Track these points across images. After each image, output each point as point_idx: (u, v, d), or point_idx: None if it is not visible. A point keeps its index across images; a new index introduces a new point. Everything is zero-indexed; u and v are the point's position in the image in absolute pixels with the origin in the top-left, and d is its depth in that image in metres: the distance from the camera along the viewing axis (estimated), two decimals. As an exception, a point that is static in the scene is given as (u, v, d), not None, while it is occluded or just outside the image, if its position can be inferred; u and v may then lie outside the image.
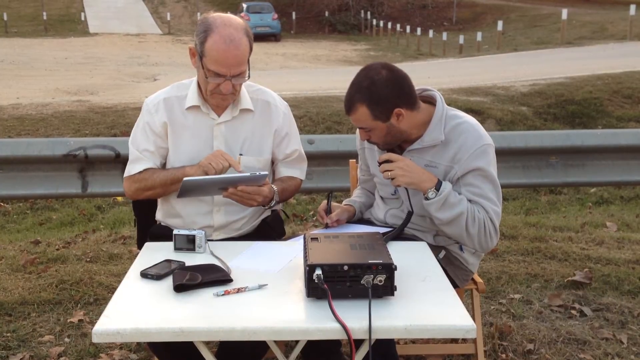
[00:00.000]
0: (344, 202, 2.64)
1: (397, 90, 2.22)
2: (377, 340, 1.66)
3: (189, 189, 2.26)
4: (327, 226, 2.46)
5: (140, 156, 2.45)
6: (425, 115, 2.31)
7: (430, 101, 2.36)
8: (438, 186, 2.21)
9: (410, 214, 2.36)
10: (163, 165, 2.51)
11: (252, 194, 2.30)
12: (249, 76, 2.36)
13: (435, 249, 2.34)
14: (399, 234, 2.35)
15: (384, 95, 2.20)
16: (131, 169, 2.47)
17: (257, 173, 2.28)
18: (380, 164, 2.30)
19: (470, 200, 2.24)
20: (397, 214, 2.46)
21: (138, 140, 2.47)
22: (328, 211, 2.48)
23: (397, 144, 2.35)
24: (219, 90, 2.31)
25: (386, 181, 2.43)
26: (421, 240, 2.38)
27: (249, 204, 2.35)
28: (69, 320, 3.26)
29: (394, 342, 2.27)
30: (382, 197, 2.56)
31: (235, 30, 2.25)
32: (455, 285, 2.37)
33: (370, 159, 2.56)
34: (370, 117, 2.22)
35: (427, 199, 2.23)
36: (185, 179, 2.20)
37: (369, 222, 2.57)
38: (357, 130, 2.58)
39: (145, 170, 2.44)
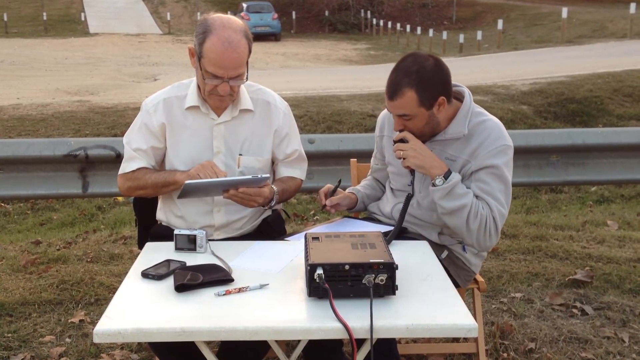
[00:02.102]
0: (347, 190, 2.64)
1: (443, 78, 2.23)
2: (379, 340, 1.66)
3: (190, 191, 2.26)
4: (324, 207, 2.47)
5: (134, 155, 2.46)
6: (453, 110, 2.32)
7: (457, 97, 2.36)
8: (447, 175, 2.22)
9: (409, 196, 2.36)
10: (161, 164, 2.52)
11: (253, 195, 2.30)
12: (247, 78, 2.36)
13: (438, 248, 2.34)
14: (402, 221, 2.35)
15: (432, 81, 2.20)
16: (125, 166, 2.48)
17: (259, 176, 2.28)
18: (395, 142, 2.29)
19: (477, 196, 2.24)
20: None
21: (133, 139, 2.48)
22: (331, 196, 2.49)
23: (430, 137, 2.34)
24: (217, 92, 2.32)
25: (401, 172, 2.43)
26: (425, 238, 2.38)
27: (250, 205, 2.35)
28: (70, 321, 3.26)
29: (396, 341, 2.27)
30: (392, 190, 2.55)
31: (234, 32, 2.25)
32: (457, 286, 2.37)
33: (387, 147, 2.54)
34: (416, 103, 2.20)
35: (433, 185, 2.24)
36: (186, 182, 2.21)
37: (373, 219, 2.56)
38: (381, 118, 2.57)
39: (138, 169, 2.45)
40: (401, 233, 2.35)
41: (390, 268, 1.73)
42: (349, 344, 1.68)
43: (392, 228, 2.35)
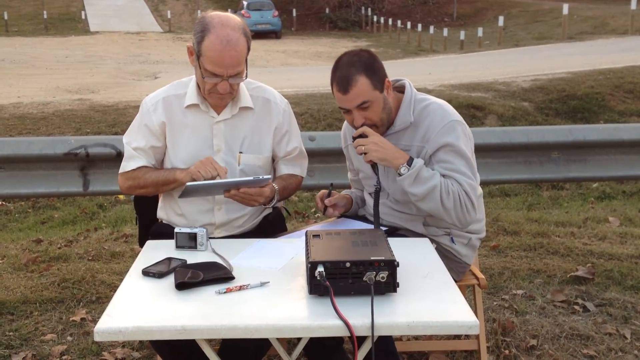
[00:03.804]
0: (342, 192, 2.66)
1: (381, 63, 2.32)
2: (378, 337, 1.66)
3: (192, 191, 2.26)
4: (325, 209, 2.48)
5: (134, 154, 2.46)
6: (397, 101, 2.39)
7: (400, 90, 2.43)
8: (410, 162, 2.24)
9: (377, 190, 2.39)
10: (161, 163, 2.51)
11: (254, 195, 2.30)
12: (246, 76, 2.36)
13: None
14: (377, 215, 2.37)
15: (375, 65, 2.29)
16: (126, 165, 2.48)
17: (261, 177, 2.28)
18: (354, 139, 2.32)
19: (443, 176, 2.27)
20: (385, 203, 2.47)
21: (132, 138, 2.48)
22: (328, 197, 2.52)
23: (386, 129, 2.38)
24: (216, 90, 2.31)
25: (369, 175, 2.46)
26: (413, 231, 2.40)
27: (251, 204, 2.35)
28: (71, 319, 3.26)
29: (392, 338, 2.27)
30: (369, 193, 2.58)
31: (233, 30, 2.24)
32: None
33: (353, 155, 2.59)
34: (370, 87, 2.26)
35: (399, 174, 2.26)
36: (188, 183, 2.21)
37: (365, 219, 2.58)
38: (342, 130, 2.63)
39: (139, 168, 2.45)
40: (393, 232, 2.36)
41: (391, 265, 1.73)
42: (350, 341, 1.68)
43: (385, 227, 2.37)
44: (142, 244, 2.40)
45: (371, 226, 2.39)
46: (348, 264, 1.73)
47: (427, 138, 2.31)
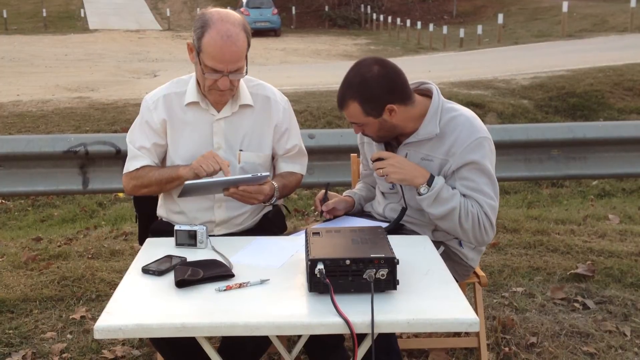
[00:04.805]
0: (343, 193, 2.65)
1: (389, 86, 2.21)
2: (379, 335, 1.66)
3: (190, 190, 2.25)
4: (322, 213, 2.47)
5: (138, 153, 2.45)
6: (422, 109, 2.30)
7: (428, 94, 2.34)
8: (430, 181, 2.21)
9: (404, 210, 2.37)
10: (162, 162, 2.51)
11: (254, 193, 2.30)
12: (246, 72, 2.35)
13: (434, 244, 2.34)
14: (393, 228, 2.35)
15: (375, 92, 2.20)
16: (129, 165, 2.47)
17: (259, 174, 2.28)
18: (373, 161, 2.30)
19: (464, 195, 2.23)
20: (395, 208, 2.45)
21: (135, 137, 2.47)
22: (324, 201, 2.49)
23: (392, 137, 2.35)
24: (217, 87, 2.31)
25: None
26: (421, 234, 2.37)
27: (250, 202, 2.35)
28: (71, 317, 3.26)
29: (395, 336, 2.27)
30: (382, 192, 2.56)
31: (233, 25, 2.24)
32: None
33: (369, 153, 2.56)
34: (362, 114, 2.23)
35: (419, 194, 2.23)
36: (187, 182, 2.20)
37: (369, 216, 2.57)
38: None
39: (142, 167, 2.44)
40: (398, 229, 2.35)
41: (391, 263, 1.72)
42: (350, 339, 1.67)
43: (387, 224, 2.36)
44: (141, 242, 2.40)
45: (375, 223, 2.38)
46: (348, 262, 1.72)
47: (453, 153, 2.24)
